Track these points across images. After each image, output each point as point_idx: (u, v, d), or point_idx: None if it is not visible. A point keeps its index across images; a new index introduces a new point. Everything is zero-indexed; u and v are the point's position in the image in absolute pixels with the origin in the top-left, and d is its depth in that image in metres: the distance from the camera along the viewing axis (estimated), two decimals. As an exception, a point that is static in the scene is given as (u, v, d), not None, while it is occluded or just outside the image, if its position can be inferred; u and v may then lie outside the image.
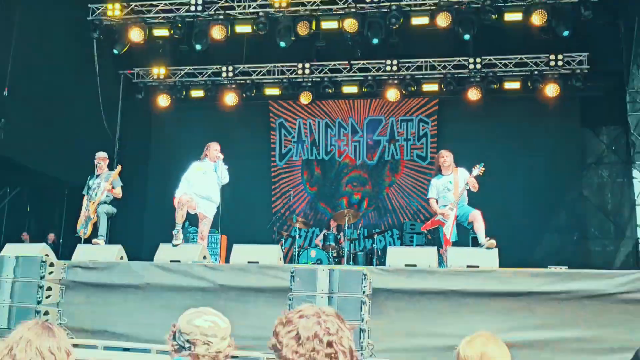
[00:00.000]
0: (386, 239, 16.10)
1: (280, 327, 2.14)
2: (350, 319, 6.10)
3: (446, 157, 9.15)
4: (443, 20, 14.07)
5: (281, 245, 10.80)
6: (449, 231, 8.75)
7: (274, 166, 17.39)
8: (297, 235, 13.30)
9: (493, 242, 8.00)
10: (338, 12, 14.62)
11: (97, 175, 10.19)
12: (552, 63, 15.20)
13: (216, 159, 9.30)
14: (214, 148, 9.38)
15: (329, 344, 2.06)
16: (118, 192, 10.03)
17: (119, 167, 10.27)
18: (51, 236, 14.29)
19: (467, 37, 14.21)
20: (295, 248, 13.14)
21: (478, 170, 8.79)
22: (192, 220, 9.78)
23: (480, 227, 8.52)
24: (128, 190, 10.66)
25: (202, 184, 9.27)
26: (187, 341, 2.42)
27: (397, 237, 16.11)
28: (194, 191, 9.19)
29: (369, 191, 16.83)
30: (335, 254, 12.91)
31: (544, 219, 15.53)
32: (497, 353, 2.17)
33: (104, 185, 9.91)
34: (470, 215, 8.68)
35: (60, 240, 14.30)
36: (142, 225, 16.92)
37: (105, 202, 9.95)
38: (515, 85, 15.71)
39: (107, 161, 10.41)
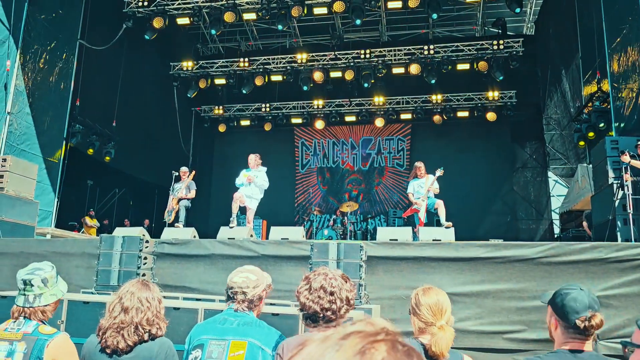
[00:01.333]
0: (376, 222, 16.09)
1: (301, 282, 2.19)
2: (352, 277, 6.10)
3: (421, 167, 9.19)
4: (415, 69, 14.08)
5: (303, 227, 10.80)
6: (423, 216, 8.77)
7: (297, 172, 17.40)
8: (315, 220, 13.30)
9: (450, 224, 8.00)
10: (341, 65, 14.65)
11: (180, 181, 10.40)
12: (490, 97, 15.12)
13: (255, 166, 9.33)
14: (251, 158, 9.39)
15: (331, 293, 2.10)
16: (192, 194, 10.21)
17: (194, 172, 10.37)
18: (146, 222, 14.37)
19: (433, 81, 14.18)
20: (313, 228, 13.15)
21: (439, 171, 8.77)
22: (243, 210, 9.79)
23: (442, 212, 8.51)
24: (199, 190, 10.74)
25: (247, 185, 9.31)
26: (231, 292, 2.42)
27: (384, 220, 16.09)
28: (243, 191, 9.24)
29: (364, 189, 16.81)
30: (341, 233, 12.92)
31: (486, 206, 15.44)
32: (445, 299, 2.16)
33: (184, 187, 10.04)
34: (436, 203, 8.69)
35: (152, 225, 14.38)
36: (208, 214, 17.01)
37: (183, 199, 10.09)
38: (465, 113, 15.67)
39: (187, 173, 10.58)
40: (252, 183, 9.21)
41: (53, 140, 10.48)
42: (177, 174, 10.34)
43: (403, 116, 16.14)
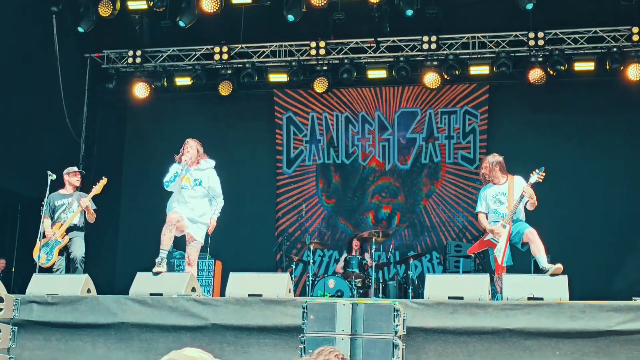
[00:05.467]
0: (424, 265, 16.03)
1: None
2: (378, 366, 6.10)
3: (496, 165, 9.15)
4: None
5: (290, 273, 10.83)
6: (501, 254, 8.74)
7: (280, 174, 17.40)
8: (311, 261, 13.29)
9: (560, 267, 8.01)
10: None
11: (66, 193, 10.45)
12: (635, 37, 15.10)
13: (196, 161, 9.34)
14: (189, 148, 9.38)
15: None
16: (91, 217, 10.43)
17: (102, 182, 10.44)
18: (1, 262, 14.34)
19: (529, 6, 14.16)
20: (308, 276, 13.14)
21: (537, 176, 8.78)
22: (180, 243, 9.81)
23: (538, 249, 8.53)
24: (97, 204, 10.75)
25: (185, 201, 9.32)
26: None
27: (438, 261, 16.05)
28: (181, 210, 9.25)
29: (402, 203, 16.79)
30: (359, 284, 12.90)
31: (627, 238, 15.40)
32: None
33: (83, 202, 10.22)
34: (525, 234, 8.69)
35: (12, 268, 14.35)
36: (115, 249, 16.99)
37: (77, 226, 10.19)
38: (588, 66, 15.60)
39: (78, 176, 10.62)
40: (191, 195, 9.24)
41: None
42: (53, 177, 10.39)
43: (474, 70, 16.11)
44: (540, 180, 8.78)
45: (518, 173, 9.22)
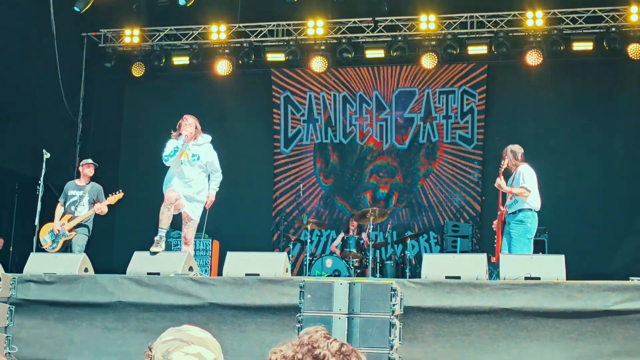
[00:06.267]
0: (421, 244, 16.06)
1: (283, 348, 2.18)
2: (375, 346, 6.12)
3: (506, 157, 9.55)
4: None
5: (288, 253, 10.82)
6: (497, 249, 8.97)
7: (278, 153, 17.40)
8: (308, 240, 13.34)
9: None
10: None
11: (78, 187, 10.57)
12: (633, 17, 15.04)
13: (194, 136, 9.32)
14: (186, 123, 9.35)
15: None
16: (102, 208, 10.53)
17: (121, 194, 10.53)
18: (-2, 241, 14.35)
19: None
20: (306, 256, 13.17)
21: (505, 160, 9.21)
22: (177, 222, 9.80)
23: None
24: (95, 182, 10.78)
25: (183, 178, 9.29)
26: None
27: (436, 241, 16.08)
28: (179, 188, 9.21)
29: (399, 183, 16.81)
30: (357, 264, 12.92)
31: (625, 218, 15.42)
32: None
33: (97, 207, 10.42)
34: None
35: (11, 248, 14.36)
36: (112, 229, 16.99)
37: (86, 224, 10.35)
38: (587, 46, 15.57)
39: (93, 171, 10.74)
40: (189, 171, 9.20)
41: None
42: (47, 155, 10.44)
43: (472, 50, 16.07)
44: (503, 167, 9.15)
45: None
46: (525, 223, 8.94)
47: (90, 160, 10.88)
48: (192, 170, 9.28)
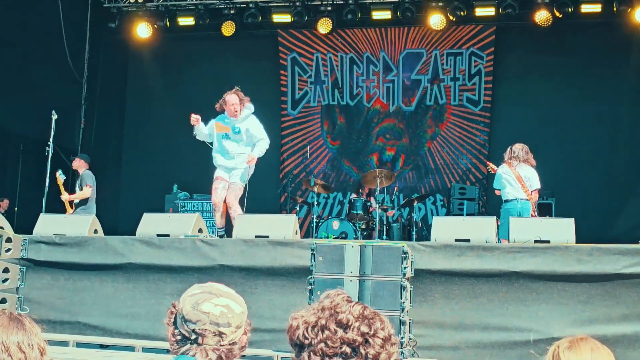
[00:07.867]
0: (427, 207, 16.08)
1: (300, 313, 2.21)
2: (386, 308, 6.14)
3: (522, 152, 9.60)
4: None
5: (295, 214, 10.85)
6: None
7: (285, 115, 17.35)
8: (315, 202, 13.31)
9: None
10: None
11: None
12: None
13: (239, 110, 9.47)
14: (231, 99, 9.51)
15: (352, 341, 2.10)
16: (83, 192, 10.89)
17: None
18: (3, 202, 14.35)
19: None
20: (312, 218, 13.17)
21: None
22: (185, 184, 9.88)
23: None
24: (100, 148, 10.79)
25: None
26: (194, 331, 2.40)
27: (442, 204, 16.09)
28: (226, 167, 9.47)
29: (406, 145, 16.79)
30: (363, 226, 12.95)
31: (631, 181, 15.42)
32: None
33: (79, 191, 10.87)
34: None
35: (15, 208, 14.38)
36: (118, 190, 17.02)
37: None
38: (595, 8, 15.46)
39: (87, 165, 10.94)
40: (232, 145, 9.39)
41: None
42: (56, 117, 10.51)
43: (480, 11, 15.97)
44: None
45: (523, 114, 9.28)
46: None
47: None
48: (233, 144, 9.45)
